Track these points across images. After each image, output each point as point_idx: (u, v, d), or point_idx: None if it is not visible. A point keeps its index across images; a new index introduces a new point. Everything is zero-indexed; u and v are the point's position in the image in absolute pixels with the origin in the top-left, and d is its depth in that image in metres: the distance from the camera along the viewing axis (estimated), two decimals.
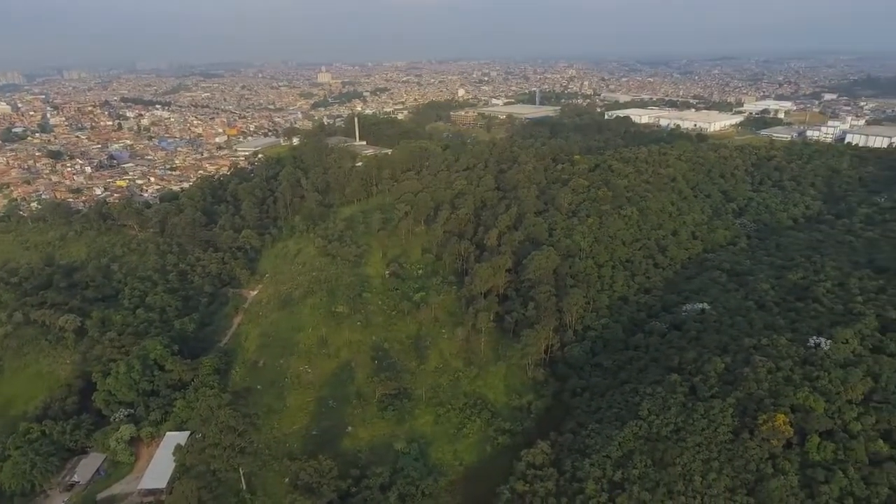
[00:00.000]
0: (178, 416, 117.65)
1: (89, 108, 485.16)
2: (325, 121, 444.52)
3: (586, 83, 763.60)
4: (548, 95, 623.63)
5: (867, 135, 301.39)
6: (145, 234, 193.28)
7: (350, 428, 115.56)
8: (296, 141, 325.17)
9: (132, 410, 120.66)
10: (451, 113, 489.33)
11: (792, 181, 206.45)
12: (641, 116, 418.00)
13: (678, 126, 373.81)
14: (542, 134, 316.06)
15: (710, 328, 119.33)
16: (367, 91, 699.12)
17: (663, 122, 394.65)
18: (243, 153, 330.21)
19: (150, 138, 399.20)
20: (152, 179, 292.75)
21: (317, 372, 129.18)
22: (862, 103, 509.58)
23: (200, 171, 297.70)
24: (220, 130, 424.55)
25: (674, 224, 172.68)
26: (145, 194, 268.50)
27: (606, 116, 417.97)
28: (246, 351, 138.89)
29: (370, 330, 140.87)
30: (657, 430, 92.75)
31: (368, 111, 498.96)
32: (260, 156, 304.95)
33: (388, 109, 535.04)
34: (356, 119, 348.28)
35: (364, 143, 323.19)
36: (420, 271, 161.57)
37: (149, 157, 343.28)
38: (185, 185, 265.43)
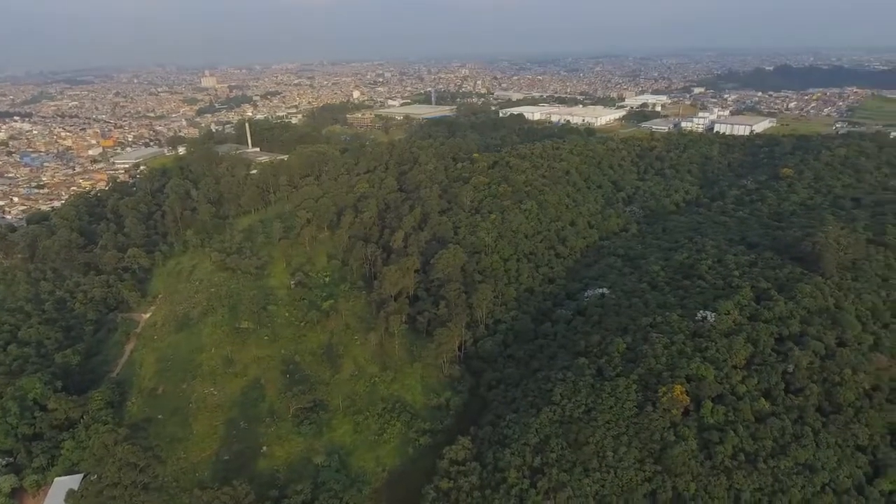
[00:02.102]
0: (68, 458, 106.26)
1: None
2: (214, 128, 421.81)
3: (479, 82, 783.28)
4: (443, 95, 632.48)
5: (732, 124, 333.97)
6: (12, 261, 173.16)
7: (265, 448, 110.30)
8: (182, 150, 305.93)
9: (12, 459, 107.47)
10: (348, 115, 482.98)
11: (672, 169, 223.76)
12: (534, 113, 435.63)
13: (568, 121, 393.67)
14: (440, 133, 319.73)
15: (610, 311, 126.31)
16: (257, 95, 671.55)
17: (554, 118, 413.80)
18: (122, 166, 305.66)
19: (10, 153, 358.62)
20: (16, 199, 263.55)
21: (224, 393, 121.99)
22: (726, 95, 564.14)
23: (73, 188, 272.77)
24: (94, 142, 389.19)
25: (571, 215, 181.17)
26: (8, 216, 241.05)
27: (501, 114, 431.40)
28: (142, 379, 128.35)
29: (279, 343, 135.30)
30: (570, 413, 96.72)
31: (260, 116, 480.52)
32: (142, 168, 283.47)
33: (280, 114, 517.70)
34: (247, 125, 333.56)
35: (257, 149, 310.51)
36: (327, 278, 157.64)
37: (10, 175, 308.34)
38: (57, 203, 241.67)
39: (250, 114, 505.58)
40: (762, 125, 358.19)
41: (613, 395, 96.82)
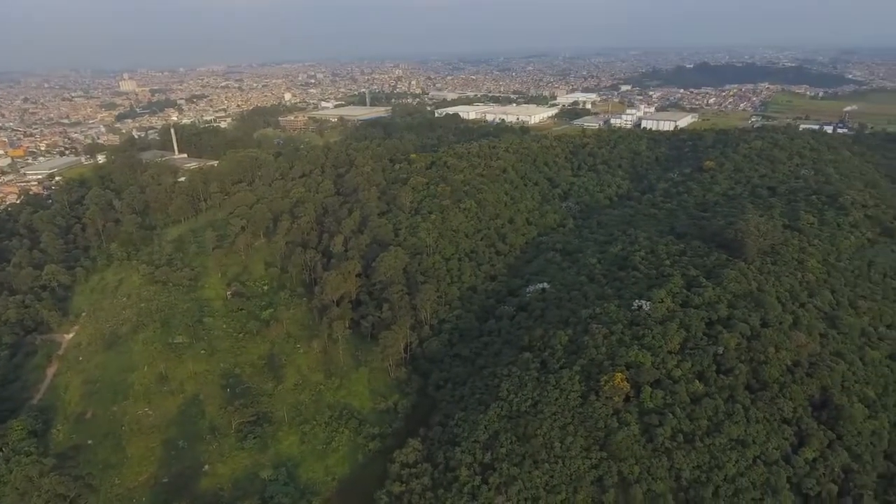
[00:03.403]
0: None
1: None
2: (136, 134, 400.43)
3: (414, 82, 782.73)
4: (378, 96, 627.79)
5: (658, 120, 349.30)
6: None
7: (207, 466, 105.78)
8: (102, 158, 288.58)
9: None
10: (280, 118, 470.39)
11: (604, 164, 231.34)
12: (469, 113, 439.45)
13: (503, 120, 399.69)
14: (376, 135, 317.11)
15: (551, 305, 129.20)
16: (181, 98, 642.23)
17: (489, 118, 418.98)
18: (35, 177, 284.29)
19: None
20: None
21: (159, 413, 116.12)
22: (651, 92, 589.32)
23: None
24: (2, 152, 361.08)
25: (509, 212, 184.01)
26: None
27: (437, 114, 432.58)
28: (68, 404, 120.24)
29: (217, 357, 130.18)
30: (517, 408, 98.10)
31: (186, 121, 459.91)
32: (58, 178, 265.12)
33: (208, 118, 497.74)
34: (173, 130, 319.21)
35: (185, 155, 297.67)
36: (265, 287, 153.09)
37: None
38: None
39: (175, 118, 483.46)
40: (685, 121, 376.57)
41: (558, 387, 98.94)
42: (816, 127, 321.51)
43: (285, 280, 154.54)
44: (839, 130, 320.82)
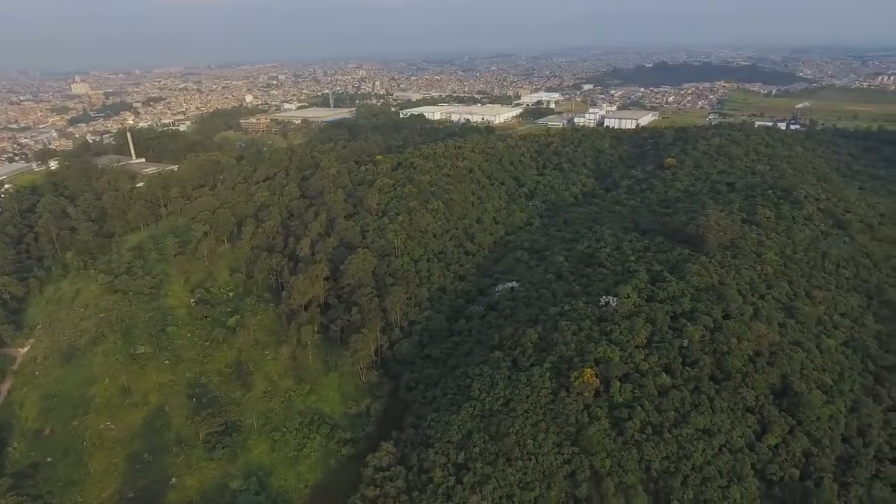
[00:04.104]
0: None
1: None
2: (90, 138, 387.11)
3: (378, 83, 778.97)
4: (341, 97, 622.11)
5: (620, 118, 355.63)
6: None
7: (174, 479, 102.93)
8: (54, 165, 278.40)
9: None
10: (242, 121, 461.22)
11: (569, 163, 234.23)
12: (434, 113, 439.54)
13: (468, 120, 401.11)
14: (341, 136, 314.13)
15: (521, 303, 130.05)
16: (138, 101, 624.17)
17: (454, 118, 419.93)
18: None
19: None
20: None
21: (122, 426, 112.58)
22: (612, 91, 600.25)
23: None
24: None
25: (477, 212, 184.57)
26: None
27: (402, 115, 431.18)
28: (24, 421, 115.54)
29: (182, 366, 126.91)
30: (490, 406, 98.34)
31: (143, 124, 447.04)
32: (7, 186, 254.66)
33: (167, 121, 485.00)
34: (129, 134, 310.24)
35: (143, 160, 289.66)
36: (231, 293, 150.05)
37: None
38: None
39: (132, 122, 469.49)
40: (646, 119, 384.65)
41: (529, 385, 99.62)
42: (771, 124, 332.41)
43: (251, 286, 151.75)
44: (792, 127, 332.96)
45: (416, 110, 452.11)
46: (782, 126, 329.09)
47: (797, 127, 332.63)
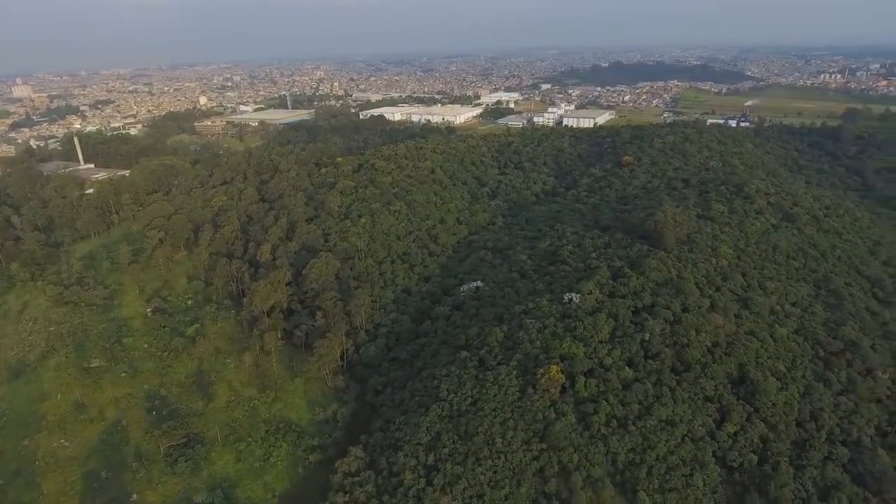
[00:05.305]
0: None
1: None
2: (34, 143, 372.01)
3: (336, 84, 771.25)
4: (299, 99, 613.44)
5: (578, 117, 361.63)
6: None
7: (135, 496, 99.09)
8: None
9: None
10: (196, 123, 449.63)
11: (529, 162, 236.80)
12: (394, 114, 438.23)
13: (429, 121, 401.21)
14: (299, 139, 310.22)
15: (486, 303, 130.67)
16: (85, 105, 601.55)
17: (415, 118, 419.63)
18: None
19: None
20: None
21: (78, 443, 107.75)
22: (570, 91, 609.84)
23: None
24: None
25: (440, 213, 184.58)
26: None
27: (361, 116, 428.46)
28: None
29: (139, 379, 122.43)
30: (458, 407, 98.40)
31: (91, 128, 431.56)
32: None
33: (116, 124, 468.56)
34: (76, 138, 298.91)
35: (91, 165, 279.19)
36: (189, 301, 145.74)
37: None
38: None
39: (79, 126, 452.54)
40: (604, 118, 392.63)
41: (496, 384, 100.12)
42: (722, 121, 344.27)
43: (210, 293, 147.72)
44: (742, 124, 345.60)
45: (376, 111, 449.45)
46: (733, 123, 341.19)
47: (746, 124, 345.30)
